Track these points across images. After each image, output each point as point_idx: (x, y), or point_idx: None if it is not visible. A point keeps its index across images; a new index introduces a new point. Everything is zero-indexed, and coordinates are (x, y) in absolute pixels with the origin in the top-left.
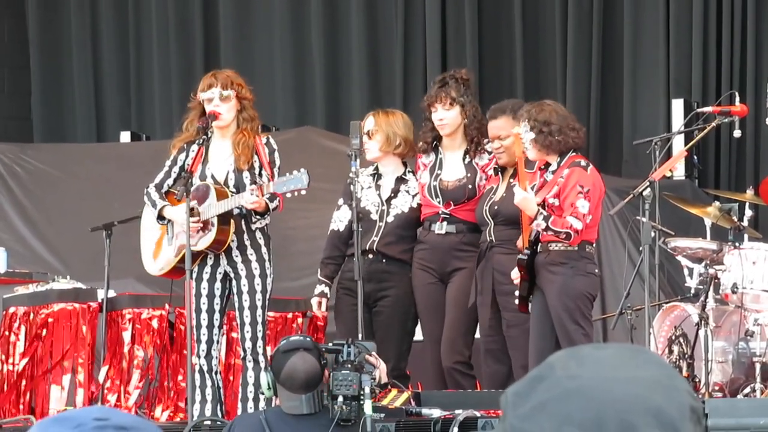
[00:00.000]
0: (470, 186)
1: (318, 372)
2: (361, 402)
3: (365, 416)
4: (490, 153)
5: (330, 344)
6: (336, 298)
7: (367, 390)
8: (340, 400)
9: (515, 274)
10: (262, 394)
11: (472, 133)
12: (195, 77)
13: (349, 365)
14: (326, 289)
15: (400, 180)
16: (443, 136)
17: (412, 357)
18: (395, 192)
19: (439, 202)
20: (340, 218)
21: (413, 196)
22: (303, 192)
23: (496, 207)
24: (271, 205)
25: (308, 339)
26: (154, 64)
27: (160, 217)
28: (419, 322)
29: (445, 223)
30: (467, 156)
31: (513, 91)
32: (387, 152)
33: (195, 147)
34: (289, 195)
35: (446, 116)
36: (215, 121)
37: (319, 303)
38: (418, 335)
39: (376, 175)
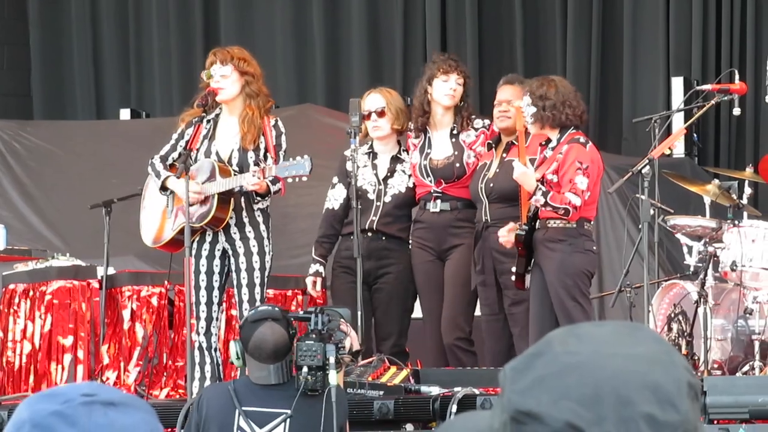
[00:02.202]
0: (458, 164)
1: (286, 342)
2: (326, 372)
3: (330, 386)
4: (477, 130)
5: (300, 312)
6: (333, 276)
7: (331, 360)
8: (304, 371)
9: (505, 231)
10: (232, 363)
11: (467, 110)
12: (195, 54)
13: (314, 335)
14: (321, 269)
15: (396, 159)
16: (438, 112)
17: (411, 335)
18: (391, 171)
19: (430, 181)
20: (335, 197)
21: (409, 176)
22: (304, 179)
23: (491, 184)
24: (273, 188)
25: (277, 309)
26: (153, 41)
27: (163, 188)
28: (419, 300)
29: (438, 201)
30: (454, 133)
31: (513, 68)
32: (396, 129)
33: (195, 124)
34: (290, 180)
35: (458, 88)
36: (217, 97)
37: (314, 282)
38: (416, 312)
39: (371, 154)
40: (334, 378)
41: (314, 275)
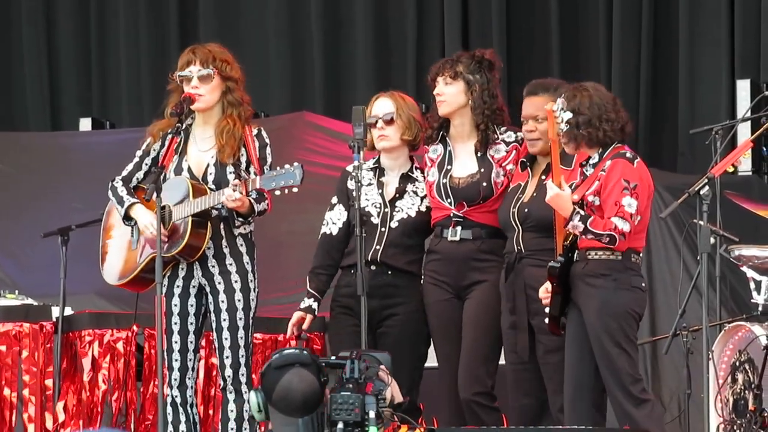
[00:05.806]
0: (485, 183)
1: (317, 391)
2: (366, 429)
3: None
4: (508, 144)
5: (333, 357)
6: (331, 318)
7: (371, 414)
8: (340, 427)
9: (544, 290)
10: (252, 419)
11: (478, 119)
12: (169, 53)
13: (351, 385)
14: (315, 305)
15: (407, 177)
16: (448, 121)
17: (425, 386)
18: (401, 192)
19: (450, 203)
20: (333, 219)
21: (421, 198)
22: (295, 189)
23: (526, 209)
24: (257, 207)
25: (305, 352)
26: (120, 38)
27: (127, 218)
28: (432, 346)
29: (459, 228)
30: (479, 147)
31: (547, 71)
32: (405, 141)
33: (169, 137)
34: (278, 192)
35: (444, 91)
36: (193, 105)
37: (302, 319)
38: (431, 361)
39: (378, 170)
40: None
41: (304, 311)
